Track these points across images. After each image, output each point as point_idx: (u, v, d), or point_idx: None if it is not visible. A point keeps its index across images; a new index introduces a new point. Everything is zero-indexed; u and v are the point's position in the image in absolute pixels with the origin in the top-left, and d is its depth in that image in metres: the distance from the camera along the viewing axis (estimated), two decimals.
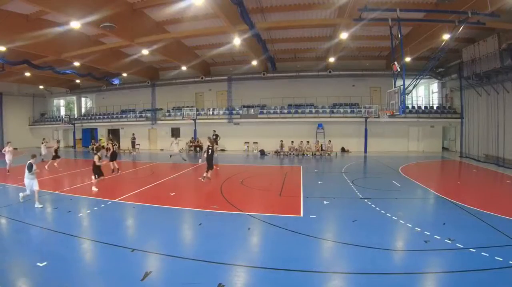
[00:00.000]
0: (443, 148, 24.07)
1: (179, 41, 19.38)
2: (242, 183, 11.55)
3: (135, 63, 23.12)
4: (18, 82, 27.63)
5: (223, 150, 24.55)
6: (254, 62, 21.63)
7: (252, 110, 24.71)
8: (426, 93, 26.85)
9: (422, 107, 23.80)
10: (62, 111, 34.56)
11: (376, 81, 23.64)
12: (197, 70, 24.60)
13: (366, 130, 22.61)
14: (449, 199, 8.93)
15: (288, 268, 4.82)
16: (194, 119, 24.59)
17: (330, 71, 23.40)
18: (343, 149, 23.59)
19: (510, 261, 4.81)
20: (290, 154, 21.95)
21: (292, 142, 22.16)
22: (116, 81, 26.72)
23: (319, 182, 12.12)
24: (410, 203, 9.17)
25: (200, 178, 11.63)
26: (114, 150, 14.45)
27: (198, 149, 22.51)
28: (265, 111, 24.30)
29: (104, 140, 24.91)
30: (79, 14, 12.31)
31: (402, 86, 12.29)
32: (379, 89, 23.54)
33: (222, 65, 26.02)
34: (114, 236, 6.17)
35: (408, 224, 6.71)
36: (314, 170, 15.40)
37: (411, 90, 13.71)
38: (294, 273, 4.69)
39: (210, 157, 11.45)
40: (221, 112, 25.40)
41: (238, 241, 6.00)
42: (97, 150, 11.09)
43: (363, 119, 22.31)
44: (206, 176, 11.46)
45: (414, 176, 12.82)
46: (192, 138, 25.35)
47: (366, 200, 8.90)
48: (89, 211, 7.92)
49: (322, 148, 22.11)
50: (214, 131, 22.52)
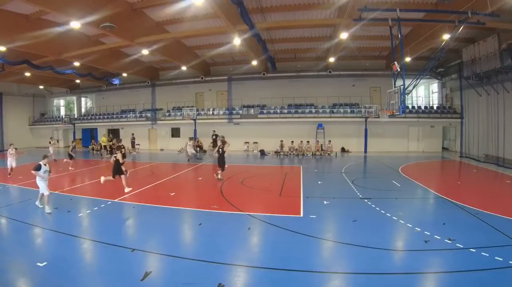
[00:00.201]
0: (443, 148, 24.06)
1: (179, 41, 19.37)
2: (242, 183, 11.55)
3: (135, 63, 23.11)
4: (18, 82, 27.60)
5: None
6: (254, 62, 21.62)
7: (252, 110, 24.70)
8: (426, 93, 26.84)
9: (422, 107, 23.78)
10: (62, 111, 34.54)
11: (376, 81, 23.64)
12: (197, 70, 24.59)
13: (366, 130, 22.60)
14: (449, 199, 8.94)
15: (288, 268, 4.83)
16: (194, 120, 24.58)
17: (330, 71, 23.41)
18: (343, 149, 23.58)
19: (510, 261, 4.82)
20: (290, 154, 21.94)
21: (292, 142, 22.16)
22: (116, 81, 26.70)
23: (319, 182, 12.12)
24: (410, 203, 9.17)
25: (215, 175, 12.03)
26: (124, 152, 13.64)
27: (198, 149, 22.49)
28: (265, 111, 24.29)
29: (105, 140, 24.81)
30: (79, 14, 12.30)
31: (402, 86, 12.29)
32: (379, 89, 23.54)
33: (222, 65, 26.01)
34: (114, 236, 6.18)
35: (408, 224, 6.71)
36: (314, 170, 15.40)
37: (411, 90, 13.72)
38: (294, 273, 4.69)
39: (222, 157, 11.81)
40: (221, 112, 25.40)
41: (238, 241, 6.00)
42: (118, 149, 10.65)
43: (363, 119, 22.31)
44: (218, 176, 11.90)
45: (414, 176, 12.81)
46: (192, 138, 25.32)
47: (366, 200, 8.90)
48: (89, 211, 7.92)
49: (322, 148, 22.08)
50: (213, 132, 22.51)
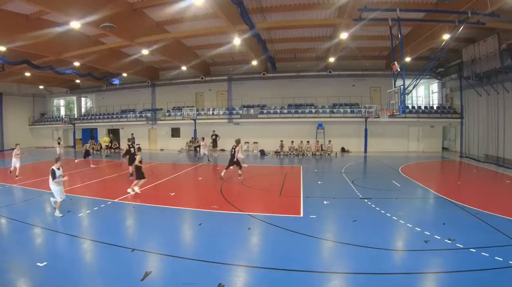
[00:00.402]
0: (443, 148, 24.04)
1: (179, 41, 19.37)
2: (242, 183, 11.55)
3: (135, 63, 23.10)
4: (18, 82, 27.59)
5: (223, 150, 24.53)
6: (254, 62, 21.62)
7: (252, 110, 24.69)
8: (426, 93, 26.83)
9: (422, 107, 23.78)
10: (62, 111, 34.54)
11: (376, 81, 23.63)
12: (197, 70, 24.58)
13: (366, 130, 22.60)
14: (449, 199, 8.93)
15: (288, 268, 4.82)
16: (194, 119, 24.57)
17: (330, 71, 23.40)
18: (343, 149, 23.57)
19: (510, 261, 4.82)
20: (290, 154, 21.94)
21: (292, 142, 22.15)
22: (116, 81, 26.70)
23: (319, 182, 12.12)
24: (410, 203, 9.16)
25: (239, 178, 11.97)
26: (133, 152, 12.70)
27: (198, 149, 22.46)
28: (265, 111, 24.28)
29: (107, 139, 24.80)
30: (79, 14, 12.29)
31: (402, 86, 12.29)
32: (379, 89, 23.52)
33: (222, 65, 26.00)
34: (114, 236, 6.18)
35: (408, 224, 6.71)
36: (314, 170, 15.40)
37: (411, 90, 13.71)
38: (294, 273, 4.69)
39: (232, 158, 11.91)
40: (221, 112, 25.39)
41: (238, 241, 6.00)
42: (139, 150, 10.36)
43: (363, 119, 22.30)
44: (239, 176, 11.98)
45: (414, 176, 12.81)
46: (192, 138, 25.33)
47: (366, 200, 8.90)
48: (89, 211, 7.92)
49: (322, 148, 22.08)
50: (213, 132, 22.49)
